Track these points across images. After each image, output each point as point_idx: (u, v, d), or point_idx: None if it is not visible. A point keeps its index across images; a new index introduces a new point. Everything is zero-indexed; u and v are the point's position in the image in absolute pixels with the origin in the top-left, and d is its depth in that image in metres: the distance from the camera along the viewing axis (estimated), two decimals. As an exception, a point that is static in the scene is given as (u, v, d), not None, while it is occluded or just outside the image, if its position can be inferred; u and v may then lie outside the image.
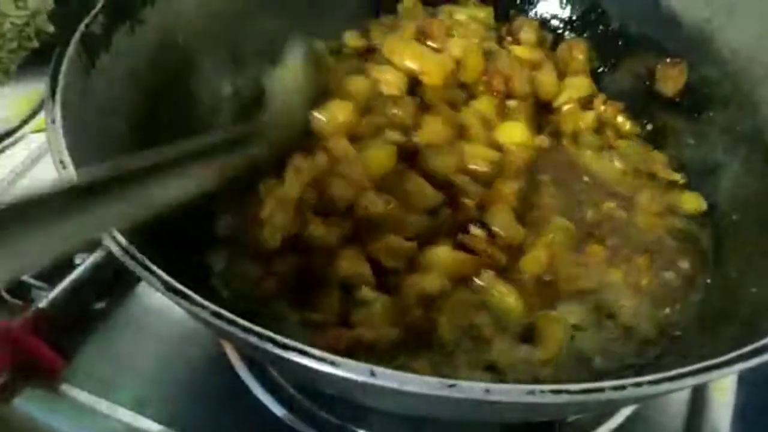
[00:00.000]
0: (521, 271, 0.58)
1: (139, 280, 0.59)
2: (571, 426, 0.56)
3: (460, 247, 0.57)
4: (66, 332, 0.60)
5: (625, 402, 0.49)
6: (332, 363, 0.35)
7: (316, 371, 0.36)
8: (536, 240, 0.59)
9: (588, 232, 0.61)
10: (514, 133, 0.65)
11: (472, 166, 0.61)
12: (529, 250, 0.59)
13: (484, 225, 0.59)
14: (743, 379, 0.58)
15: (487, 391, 0.34)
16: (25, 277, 0.60)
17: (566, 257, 0.59)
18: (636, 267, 0.59)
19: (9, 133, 0.70)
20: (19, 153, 0.70)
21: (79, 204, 0.36)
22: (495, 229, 0.58)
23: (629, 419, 0.56)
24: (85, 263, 0.61)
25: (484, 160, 0.62)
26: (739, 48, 0.64)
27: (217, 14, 0.65)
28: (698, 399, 0.58)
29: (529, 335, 0.54)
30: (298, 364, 0.36)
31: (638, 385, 0.36)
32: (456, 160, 0.61)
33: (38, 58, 0.71)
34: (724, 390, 0.58)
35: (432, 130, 0.62)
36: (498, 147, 0.64)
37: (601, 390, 0.35)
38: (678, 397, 0.58)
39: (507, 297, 0.55)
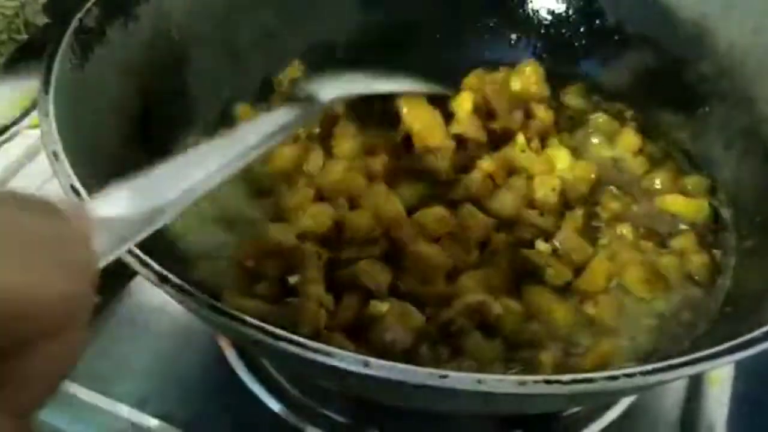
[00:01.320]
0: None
1: (132, 276, 0.60)
2: (572, 416, 0.56)
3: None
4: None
5: (620, 392, 0.49)
6: (326, 353, 0.35)
7: (310, 361, 0.35)
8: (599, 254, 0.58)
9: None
10: (562, 160, 0.64)
11: (539, 199, 0.60)
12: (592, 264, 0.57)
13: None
14: (741, 369, 0.58)
15: (479, 381, 0.34)
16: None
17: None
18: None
19: (4, 129, 0.70)
20: (15, 148, 0.70)
21: None
22: (559, 246, 0.58)
23: (628, 408, 0.56)
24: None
25: (552, 189, 0.61)
26: (735, 44, 0.64)
27: (213, 9, 0.65)
28: (695, 389, 0.58)
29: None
30: (292, 355, 0.36)
31: (630, 375, 0.35)
32: (518, 196, 0.60)
33: (32, 51, 0.70)
34: (721, 380, 0.58)
35: (482, 173, 0.61)
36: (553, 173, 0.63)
37: (592, 380, 0.35)
38: (676, 386, 0.58)
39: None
